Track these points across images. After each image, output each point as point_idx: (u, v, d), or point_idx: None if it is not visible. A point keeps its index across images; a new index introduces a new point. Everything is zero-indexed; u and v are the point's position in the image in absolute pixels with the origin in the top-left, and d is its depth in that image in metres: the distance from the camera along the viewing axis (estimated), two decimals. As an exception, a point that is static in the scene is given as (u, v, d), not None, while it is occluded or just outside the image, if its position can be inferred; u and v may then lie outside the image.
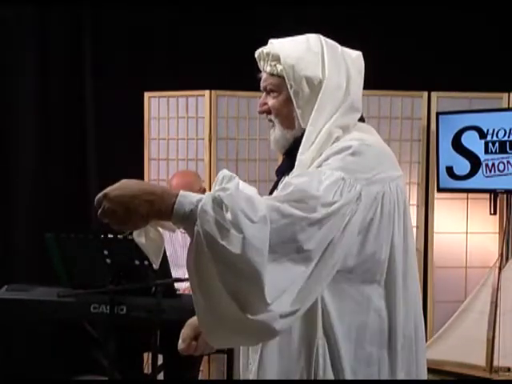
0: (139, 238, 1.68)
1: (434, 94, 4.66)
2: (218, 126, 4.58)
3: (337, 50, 1.83)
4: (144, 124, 4.69)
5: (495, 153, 4.39)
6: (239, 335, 1.59)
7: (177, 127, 4.66)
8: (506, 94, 4.61)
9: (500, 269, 4.45)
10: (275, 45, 1.83)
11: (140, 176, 4.68)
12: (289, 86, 1.79)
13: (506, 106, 4.60)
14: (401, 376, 1.72)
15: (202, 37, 4.87)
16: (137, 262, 3.15)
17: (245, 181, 5.21)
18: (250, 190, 1.60)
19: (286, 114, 1.83)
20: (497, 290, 4.38)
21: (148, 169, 4.70)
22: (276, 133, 1.87)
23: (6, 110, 4.86)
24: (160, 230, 1.69)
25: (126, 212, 1.55)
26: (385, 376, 1.71)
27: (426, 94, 4.66)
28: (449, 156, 4.52)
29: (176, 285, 3.42)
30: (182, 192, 1.55)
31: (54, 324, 4.51)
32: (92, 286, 3.15)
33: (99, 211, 1.55)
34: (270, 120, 1.88)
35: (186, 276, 4.11)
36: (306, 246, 1.55)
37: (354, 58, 1.85)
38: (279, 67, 1.80)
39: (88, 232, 3.30)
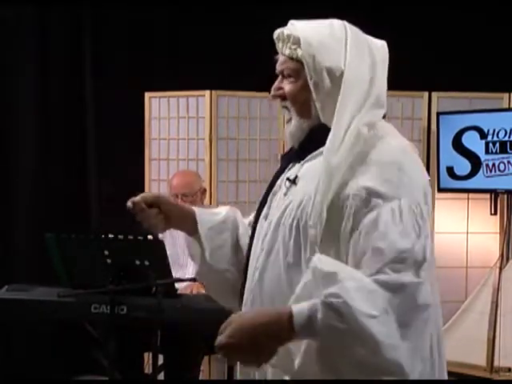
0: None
1: (434, 94, 4.66)
2: (219, 126, 4.58)
3: (361, 38, 1.73)
4: (144, 124, 4.69)
5: (496, 153, 4.39)
6: None
7: (177, 127, 4.66)
8: (507, 94, 4.61)
9: (501, 269, 4.45)
10: (297, 27, 1.73)
11: (140, 176, 4.69)
12: (309, 77, 1.68)
13: (507, 107, 4.60)
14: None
15: (202, 37, 4.87)
16: (137, 262, 3.14)
17: (245, 181, 5.17)
18: (356, 278, 1.52)
19: (302, 102, 1.72)
20: (497, 290, 4.38)
21: (149, 169, 4.70)
22: (292, 125, 1.75)
23: (5, 110, 4.86)
24: None
25: (255, 355, 1.53)
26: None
27: (426, 94, 4.66)
28: (449, 156, 4.52)
29: (176, 285, 3.42)
30: (294, 309, 1.50)
31: (54, 324, 4.51)
32: (92, 286, 3.15)
33: (227, 357, 1.55)
34: (285, 107, 1.77)
35: (187, 276, 4.11)
36: (427, 302, 1.54)
37: (379, 47, 1.75)
38: (299, 52, 1.69)
39: (88, 232, 3.30)
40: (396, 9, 4.71)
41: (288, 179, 1.77)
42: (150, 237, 3.11)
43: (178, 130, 4.65)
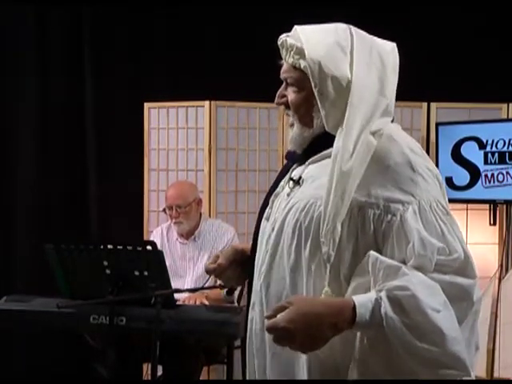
0: None
1: (433, 105, 4.66)
2: (218, 136, 4.58)
3: (368, 44, 1.70)
4: (144, 134, 4.69)
5: (494, 163, 4.39)
6: None
7: (176, 138, 4.66)
8: (505, 105, 4.61)
9: (500, 279, 4.44)
10: (300, 36, 1.68)
11: (140, 186, 4.69)
12: (313, 85, 1.64)
13: (505, 117, 4.60)
14: None
15: (202, 47, 4.88)
16: (136, 273, 3.14)
17: (244, 191, 5.16)
18: (417, 273, 1.53)
19: (304, 112, 1.71)
20: (497, 301, 4.37)
21: (148, 179, 4.70)
22: (294, 131, 1.74)
23: (4, 116, 4.88)
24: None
25: (309, 343, 1.49)
26: None
27: (425, 104, 4.66)
28: (448, 167, 4.52)
29: (175, 295, 3.41)
30: (356, 301, 1.49)
31: (54, 335, 4.50)
32: (91, 296, 3.14)
33: (279, 340, 1.49)
34: (288, 114, 1.76)
35: (186, 287, 4.09)
36: (478, 297, 1.58)
37: (389, 52, 1.73)
38: (303, 63, 1.65)
39: (88, 242, 3.30)
40: (394, 18, 4.72)
41: (292, 179, 1.76)
42: (149, 247, 3.11)
43: (177, 140, 4.66)
